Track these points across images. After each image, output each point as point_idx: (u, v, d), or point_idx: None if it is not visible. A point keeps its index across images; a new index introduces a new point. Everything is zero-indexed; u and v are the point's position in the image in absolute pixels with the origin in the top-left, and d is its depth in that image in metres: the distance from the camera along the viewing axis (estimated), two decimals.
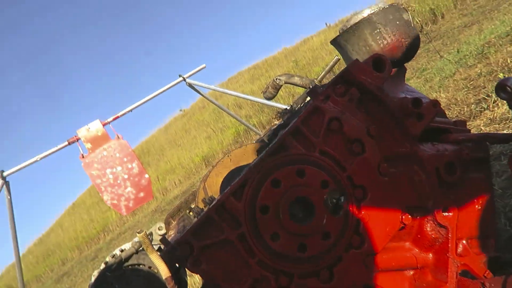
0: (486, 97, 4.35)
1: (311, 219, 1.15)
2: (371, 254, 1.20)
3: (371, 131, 1.25)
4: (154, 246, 1.94)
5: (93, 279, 1.89)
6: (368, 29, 1.73)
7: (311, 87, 2.19)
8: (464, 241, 1.34)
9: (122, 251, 1.98)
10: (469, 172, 1.36)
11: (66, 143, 4.93)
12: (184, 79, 5.74)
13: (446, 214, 1.29)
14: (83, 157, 4.88)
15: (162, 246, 2.07)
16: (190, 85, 5.98)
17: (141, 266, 1.88)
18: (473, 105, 4.50)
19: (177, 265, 2.08)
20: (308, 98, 1.55)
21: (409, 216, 1.25)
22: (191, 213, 1.84)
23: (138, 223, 14.28)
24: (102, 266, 1.95)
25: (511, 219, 2.16)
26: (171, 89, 5.77)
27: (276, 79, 2.37)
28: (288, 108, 2.27)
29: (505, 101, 4.07)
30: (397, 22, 1.73)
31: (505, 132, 3.35)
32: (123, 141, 5.33)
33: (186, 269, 1.35)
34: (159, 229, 2.05)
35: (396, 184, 1.27)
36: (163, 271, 1.81)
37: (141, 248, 1.96)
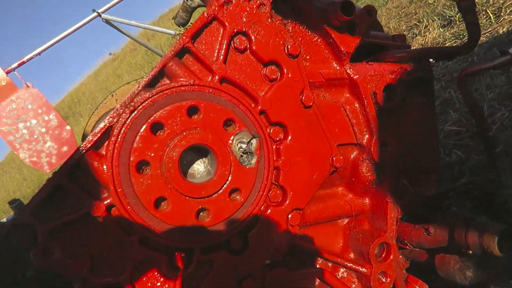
0: (417, 23, 4.42)
1: (212, 173, 0.84)
2: (296, 209, 0.94)
3: (291, 50, 0.92)
4: None
5: None
6: None
7: None
8: (404, 180, 1.13)
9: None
10: (409, 96, 1.12)
11: None
12: (99, 15, 5.05)
13: (384, 148, 1.05)
14: None
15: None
16: (107, 22, 5.31)
17: None
18: (405, 32, 4.52)
19: None
20: None
21: (341, 157, 0.99)
22: None
23: None
24: None
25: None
26: (97, 31, 5.12)
27: (187, 0, 1.93)
28: None
29: (435, 27, 3.95)
30: None
31: None
32: (34, 90, 4.69)
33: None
34: None
35: (324, 118, 0.99)
36: None
37: None
